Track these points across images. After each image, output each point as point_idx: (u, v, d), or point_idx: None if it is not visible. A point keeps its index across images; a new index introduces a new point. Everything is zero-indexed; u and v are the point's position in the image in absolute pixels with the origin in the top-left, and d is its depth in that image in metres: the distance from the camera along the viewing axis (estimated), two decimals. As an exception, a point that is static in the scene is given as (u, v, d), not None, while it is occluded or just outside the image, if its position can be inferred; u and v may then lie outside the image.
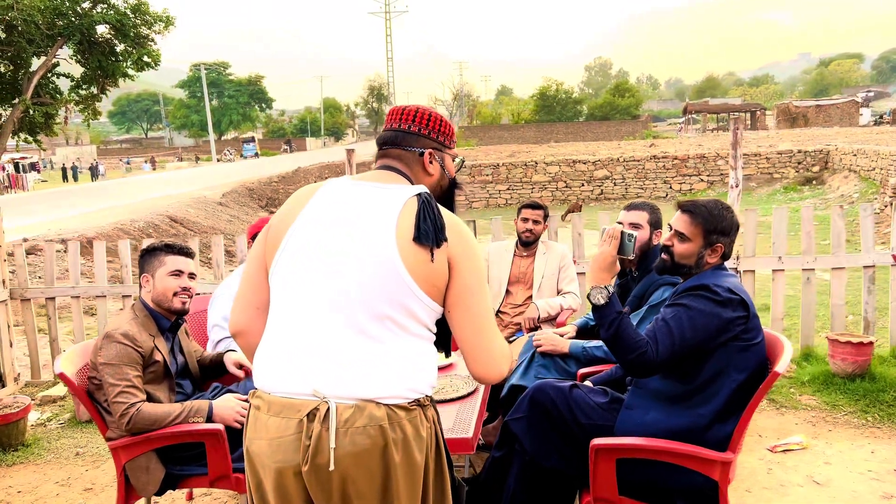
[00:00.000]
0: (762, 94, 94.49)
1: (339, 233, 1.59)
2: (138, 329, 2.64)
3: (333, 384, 1.52)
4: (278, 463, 1.52)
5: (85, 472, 3.82)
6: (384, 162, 1.74)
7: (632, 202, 3.19)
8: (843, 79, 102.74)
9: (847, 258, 4.68)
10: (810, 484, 3.21)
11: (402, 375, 1.55)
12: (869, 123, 48.70)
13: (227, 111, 70.54)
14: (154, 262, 2.77)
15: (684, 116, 59.15)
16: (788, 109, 50.91)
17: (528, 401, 2.45)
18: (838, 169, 21.36)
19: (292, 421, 1.51)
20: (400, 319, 1.56)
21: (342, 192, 1.66)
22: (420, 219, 1.57)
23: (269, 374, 1.58)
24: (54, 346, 5.29)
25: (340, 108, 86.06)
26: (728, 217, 2.43)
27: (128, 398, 2.50)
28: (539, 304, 3.83)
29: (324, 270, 1.57)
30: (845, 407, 4.02)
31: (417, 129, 1.74)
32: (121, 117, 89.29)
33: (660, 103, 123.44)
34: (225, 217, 21.18)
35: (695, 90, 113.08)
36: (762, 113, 53.07)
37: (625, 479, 2.26)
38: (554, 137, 48.76)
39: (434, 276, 1.57)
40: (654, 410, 2.33)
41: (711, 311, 2.23)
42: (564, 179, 23.60)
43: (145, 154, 62.98)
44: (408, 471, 1.53)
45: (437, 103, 66.15)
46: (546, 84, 60.01)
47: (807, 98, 75.01)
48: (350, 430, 1.48)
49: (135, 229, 16.13)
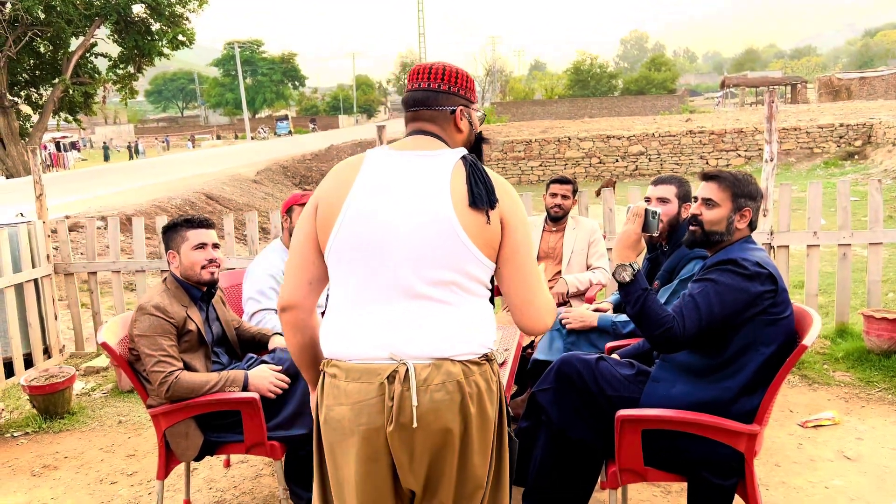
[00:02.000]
0: (804, 67, 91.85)
1: (396, 204, 1.62)
2: (170, 300, 2.73)
3: (409, 346, 1.59)
4: (363, 425, 1.58)
5: (127, 439, 3.97)
6: (418, 126, 1.76)
7: (659, 176, 3.16)
8: (890, 49, 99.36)
9: (885, 233, 4.59)
10: (840, 459, 3.20)
11: (472, 332, 1.63)
12: (916, 96, 47.08)
13: (260, 89, 71.02)
14: (177, 238, 2.84)
15: (722, 90, 57.87)
16: (831, 82, 49.46)
17: (555, 372, 2.48)
18: (882, 143, 20.75)
19: (373, 384, 1.58)
20: (463, 282, 1.63)
21: (389, 163, 1.68)
22: (472, 183, 1.63)
23: (343, 343, 1.64)
24: (96, 319, 5.47)
25: (373, 86, 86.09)
26: (752, 182, 2.47)
27: (164, 367, 2.59)
28: (568, 279, 3.84)
29: (387, 241, 1.61)
30: (880, 383, 3.98)
31: (448, 87, 1.76)
32: (157, 96, 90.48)
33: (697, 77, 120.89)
34: (259, 195, 21.44)
35: (734, 63, 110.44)
36: (803, 86, 51.62)
37: (650, 451, 2.29)
38: (588, 113, 48.13)
39: (491, 238, 1.63)
40: (680, 383, 2.34)
41: (739, 286, 2.23)
42: (598, 155, 23.33)
43: (181, 132, 63.85)
44: (481, 423, 1.62)
45: (470, 79, 65.72)
46: (580, 58, 59.19)
47: (851, 70, 72.79)
48: (430, 388, 1.56)
49: (172, 206, 16.43)
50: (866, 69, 65.11)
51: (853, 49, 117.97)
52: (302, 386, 2.78)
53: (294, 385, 2.78)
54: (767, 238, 4.58)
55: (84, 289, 6.73)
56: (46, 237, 5.24)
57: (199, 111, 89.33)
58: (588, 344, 3.13)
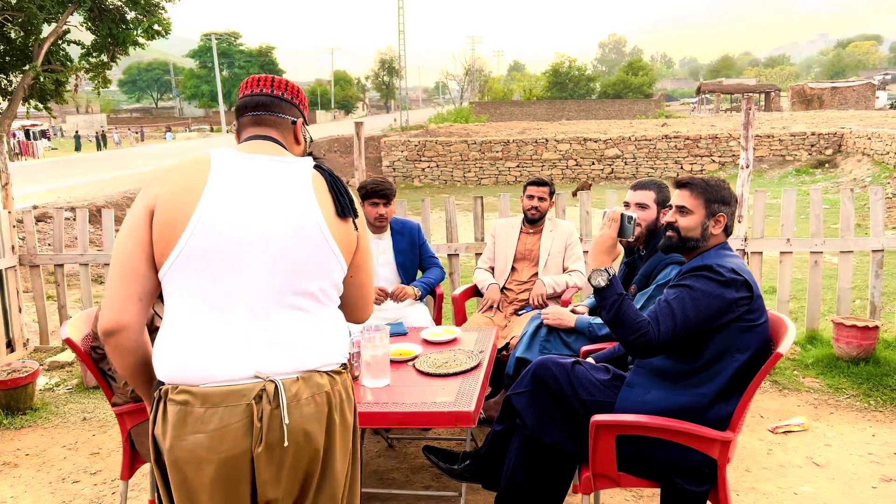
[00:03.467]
0: (778, 76, 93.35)
1: (259, 212, 1.53)
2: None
3: (275, 362, 1.52)
4: (224, 453, 1.47)
5: (92, 436, 3.88)
6: (261, 130, 1.69)
7: (638, 181, 3.16)
8: (861, 61, 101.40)
9: (855, 242, 4.65)
10: (809, 465, 3.23)
11: (335, 341, 1.63)
12: (885, 107, 48.02)
13: (237, 82, 70.18)
14: None
15: (697, 96, 58.55)
16: (803, 91, 50.29)
17: (531, 376, 2.46)
18: (852, 152, 21.13)
19: (238, 407, 1.47)
20: (328, 290, 1.63)
21: (243, 168, 1.58)
22: (336, 192, 1.63)
23: (195, 366, 1.50)
24: (62, 313, 5.35)
25: (351, 82, 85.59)
26: (725, 187, 2.47)
27: None
28: (545, 280, 3.83)
29: (248, 252, 1.51)
30: (848, 390, 4.03)
31: (290, 97, 1.74)
32: (131, 86, 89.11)
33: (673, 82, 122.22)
34: (234, 188, 21.23)
35: (709, 70, 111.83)
36: (777, 94, 52.42)
37: (624, 456, 2.28)
38: (565, 115, 48.39)
39: (350, 245, 1.66)
40: (655, 389, 2.34)
41: (714, 292, 2.23)
42: (575, 157, 23.46)
43: (155, 124, 62.96)
44: (343, 431, 1.61)
45: (449, 78, 65.72)
46: (559, 60, 59.45)
47: (823, 80, 74.03)
48: (300, 402, 1.52)
49: (144, 199, 16.20)
50: (838, 79, 66.32)
51: (825, 59, 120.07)
52: None
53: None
54: (742, 244, 4.61)
55: (51, 281, 6.59)
56: (12, 227, 5.10)
57: (174, 102, 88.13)
58: (563, 345, 3.12)
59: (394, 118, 42.82)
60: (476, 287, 4.14)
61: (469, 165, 23.85)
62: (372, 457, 3.45)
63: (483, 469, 2.64)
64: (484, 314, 3.88)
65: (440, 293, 4.11)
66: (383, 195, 3.77)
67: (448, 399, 2.65)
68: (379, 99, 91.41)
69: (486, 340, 3.31)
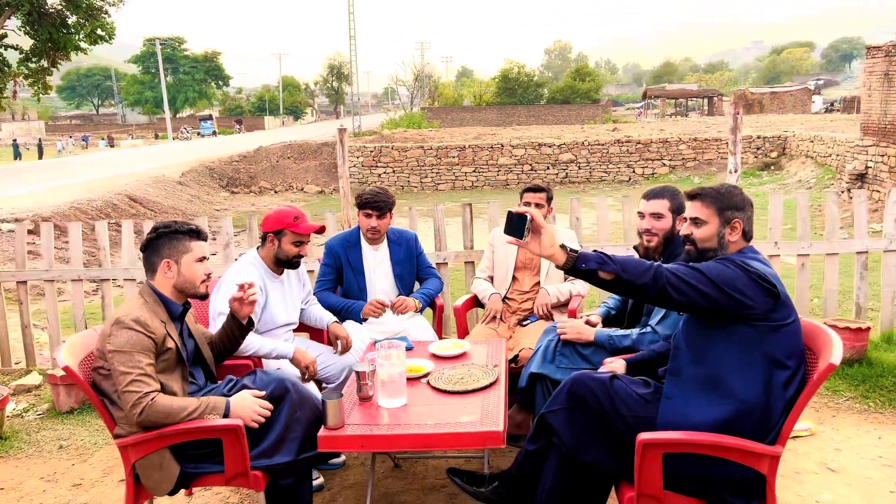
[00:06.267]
0: (717, 81, 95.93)
1: None
2: (150, 315, 2.47)
3: None
4: None
5: (71, 466, 3.63)
6: None
7: (651, 189, 3.08)
8: (794, 67, 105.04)
9: (840, 244, 4.71)
10: (825, 471, 3.21)
11: None
12: (820, 111, 49.82)
13: (182, 88, 68.63)
14: (178, 246, 2.58)
15: (643, 101, 59.71)
16: (745, 96, 51.76)
17: (567, 393, 2.36)
18: (796, 155, 21.79)
19: None
20: None
21: None
22: None
23: None
24: (26, 333, 5.03)
25: (299, 87, 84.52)
26: (737, 193, 2.42)
27: (140, 387, 2.33)
28: (549, 289, 3.75)
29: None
30: (846, 392, 4.05)
31: None
32: (70, 92, 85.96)
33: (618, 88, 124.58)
34: (185, 197, 20.64)
35: (652, 75, 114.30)
36: (719, 99, 53.90)
37: (670, 474, 2.20)
38: (516, 120, 48.69)
39: None
40: (693, 399, 2.26)
41: (732, 267, 2.19)
42: (530, 162, 23.60)
43: (97, 131, 60.93)
44: None
45: (399, 83, 65.48)
46: (508, 66, 59.82)
47: (760, 85, 76.43)
48: None
49: (92, 209, 15.59)
50: (775, 84, 68.58)
51: (761, 65, 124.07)
52: (286, 410, 2.58)
53: (277, 409, 2.57)
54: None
55: (11, 298, 6.23)
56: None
57: (117, 109, 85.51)
58: (581, 358, 3.03)
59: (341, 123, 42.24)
60: (476, 297, 4.03)
61: (426, 171, 23.75)
62: (379, 478, 3.30)
63: (515, 491, 2.53)
64: (487, 325, 3.77)
65: (440, 304, 3.98)
66: (376, 207, 3.64)
67: (473, 418, 2.54)
68: (328, 104, 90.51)
69: (497, 354, 3.20)
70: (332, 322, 3.47)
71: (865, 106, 15.06)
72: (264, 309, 3.24)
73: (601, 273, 2.17)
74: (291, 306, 3.40)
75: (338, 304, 3.71)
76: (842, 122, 28.26)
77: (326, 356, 3.41)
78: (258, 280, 3.17)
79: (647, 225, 2.97)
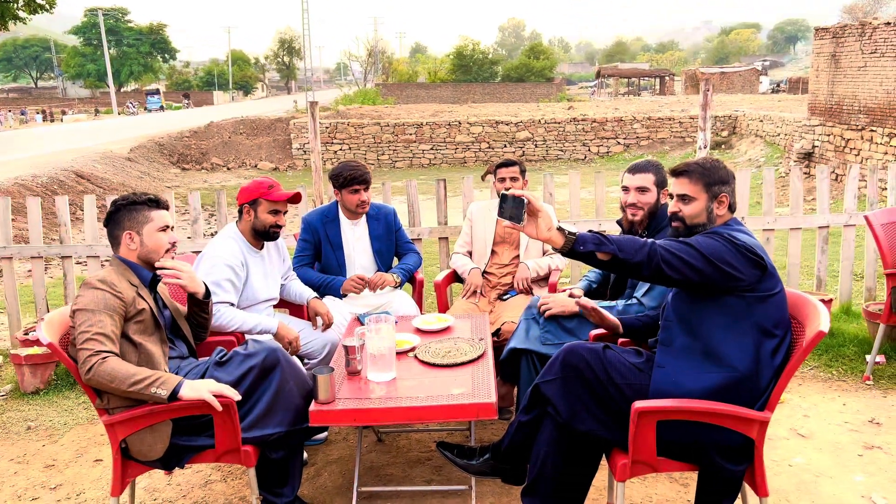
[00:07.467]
0: (668, 61, 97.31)
1: None
2: (118, 278, 2.46)
3: None
4: None
5: (42, 447, 3.53)
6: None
7: (635, 164, 3.08)
8: (742, 47, 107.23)
9: (804, 219, 4.85)
10: (795, 436, 3.34)
11: None
12: (767, 91, 51.03)
13: (126, 61, 66.41)
14: (138, 217, 2.56)
15: (596, 80, 60.21)
16: (695, 76, 52.64)
17: (561, 363, 2.38)
18: (745, 134, 22.33)
19: None
20: None
21: None
22: None
23: None
24: (-17, 312, 4.84)
25: (249, 62, 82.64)
26: (721, 167, 2.45)
27: (94, 346, 2.28)
28: (529, 263, 3.77)
29: None
30: (810, 362, 4.20)
31: None
32: (6, 64, 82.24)
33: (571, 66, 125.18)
34: (135, 173, 20.06)
35: (604, 54, 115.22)
36: (671, 78, 54.70)
37: (663, 440, 2.25)
38: (471, 98, 48.60)
39: None
40: (685, 367, 2.30)
41: (719, 240, 2.24)
42: (487, 140, 23.61)
43: (36, 104, 58.56)
44: None
45: (352, 59, 64.58)
46: (463, 43, 59.58)
47: (709, 65, 77.86)
48: None
49: (38, 185, 15.04)
50: (724, 65, 69.89)
51: (710, 45, 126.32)
52: (277, 379, 2.55)
53: (269, 378, 2.54)
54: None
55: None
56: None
57: (57, 82, 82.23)
58: (564, 332, 3.06)
59: (294, 100, 41.39)
60: (455, 272, 4.03)
61: (382, 148, 23.56)
62: (363, 452, 3.30)
63: (507, 462, 2.55)
64: (468, 300, 3.78)
65: (420, 279, 3.97)
66: (364, 181, 3.59)
67: (464, 390, 2.55)
68: (279, 80, 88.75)
69: (481, 328, 3.21)
70: (312, 297, 3.43)
71: (813, 86, 15.48)
72: (246, 284, 3.18)
73: (599, 254, 2.19)
74: (272, 281, 3.35)
75: (317, 279, 3.67)
76: (789, 102, 29.01)
77: (308, 332, 3.37)
78: (239, 255, 3.12)
79: (633, 199, 3.00)
